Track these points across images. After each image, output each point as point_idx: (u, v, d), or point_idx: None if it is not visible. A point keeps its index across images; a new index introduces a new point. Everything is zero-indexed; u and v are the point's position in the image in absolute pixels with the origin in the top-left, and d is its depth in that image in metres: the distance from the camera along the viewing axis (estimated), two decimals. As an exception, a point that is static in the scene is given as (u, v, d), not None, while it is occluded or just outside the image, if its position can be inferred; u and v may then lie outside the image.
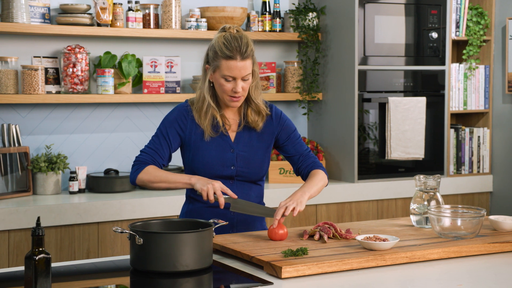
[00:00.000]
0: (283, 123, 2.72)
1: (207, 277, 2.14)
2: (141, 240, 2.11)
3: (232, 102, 2.58)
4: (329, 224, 2.54)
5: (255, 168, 2.66)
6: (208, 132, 2.61)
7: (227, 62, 2.52)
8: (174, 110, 2.68)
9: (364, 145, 4.28)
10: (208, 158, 2.61)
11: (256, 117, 2.65)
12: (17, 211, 3.40)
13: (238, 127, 2.67)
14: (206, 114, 2.61)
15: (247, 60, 2.54)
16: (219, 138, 2.63)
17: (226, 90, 2.56)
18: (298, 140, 2.75)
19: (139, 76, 4.07)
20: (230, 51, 2.51)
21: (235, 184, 2.65)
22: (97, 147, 4.03)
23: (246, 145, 2.66)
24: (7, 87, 3.69)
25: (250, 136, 2.67)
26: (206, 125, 2.61)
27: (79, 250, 3.54)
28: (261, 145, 2.68)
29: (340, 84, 4.30)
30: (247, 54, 2.53)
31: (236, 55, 2.51)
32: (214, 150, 2.62)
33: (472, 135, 4.65)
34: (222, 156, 2.62)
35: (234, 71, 2.52)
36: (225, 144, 2.64)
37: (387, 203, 4.31)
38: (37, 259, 1.81)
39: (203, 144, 2.62)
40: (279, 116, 2.71)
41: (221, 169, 2.62)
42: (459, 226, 2.47)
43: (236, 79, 2.54)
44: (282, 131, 2.71)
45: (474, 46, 4.61)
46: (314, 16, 4.36)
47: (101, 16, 3.84)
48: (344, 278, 2.13)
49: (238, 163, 2.64)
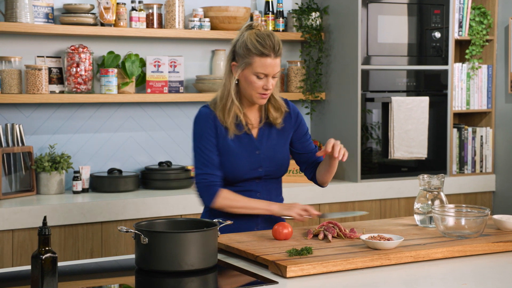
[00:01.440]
0: (300, 120, 2.78)
1: (212, 276, 2.14)
2: (146, 239, 2.11)
3: (261, 99, 2.61)
4: (333, 224, 2.54)
5: (280, 166, 2.71)
6: (232, 130, 2.63)
7: (261, 60, 2.55)
8: (200, 119, 2.65)
9: (367, 145, 4.29)
10: (236, 164, 2.64)
11: (277, 114, 2.69)
12: (21, 210, 3.40)
13: (259, 123, 2.70)
14: (230, 111, 2.62)
15: (278, 58, 2.58)
16: (243, 139, 2.66)
17: (256, 87, 2.58)
18: (309, 138, 2.82)
19: (143, 75, 4.07)
20: (265, 48, 2.54)
21: (261, 183, 2.70)
22: (101, 146, 4.03)
23: (270, 143, 2.70)
24: (10, 87, 3.69)
25: (271, 133, 2.71)
26: (230, 122, 2.62)
27: (82, 250, 3.54)
28: (282, 142, 2.73)
29: (343, 84, 4.31)
30: (279, 52, 2.58)
31: (271, 53, 2.55)
32: (240, 155, 2.64)
33: (475, 134, 4.65)
34: (249, 160, 2.65)
35: (267, 68, 2.55)
36: (251, 145, 2.66)
37: (390, 203, 4.31)
38: (43, 258, 1.81)
39: (230, 148, 2.64)
40: (296, 113, 2.77)
41: (250, 172, 2.66)
42: (463, 225, 2.47)
43: (268, 76, 2.57)
44: (299, 128, 2.77)
45: (477, 46, 4.61)
46: (317, 16, 4.36)
47: (105, 16, 3.85)
48: (348, 277, 2.13)
49: (265, 164, 2.68)
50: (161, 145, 4.18)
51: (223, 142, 2.63)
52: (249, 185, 2.69)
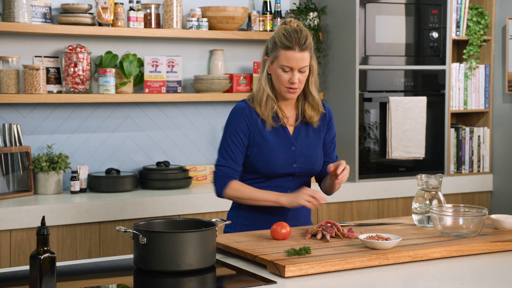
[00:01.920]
0: (331, 125, 2.81)
1: (210, 276, 2.15)
2: (145, 239, 2.11)
3: (289, 94, 2.64)
4: (332, 223, 2.54)
5: (315, 164, 2.74)
6: (270, 122, 2.66)
7: (286, 52, 2.59)
8: (234, 113, 2.70)
9: (364, 145, 4.29)
10: (272, 158, 2.66)
11: (313, 112, 2.72)
12: (19, 210, 3.40)
13: (296, 121, 2.73)
14: (266, 104, 2.66)
15: (305, 52, 2.60)
16: (279, 134, 2.68)
17: (283, 81, 2.62)
18: (334, 147, 2.84)
19: (140, 75, 4.07)
20: (290, 41, 2.59)
21: (294, 180, 2.72)
22: (99, 146, 4.03)
23: (305, 141, 2.73)
24: (8, 87, 3.69)
25: (307, 131, 2.74)
26: (267, 114, 2.66)
27: (80, 250, 3.54)
28: (317, 141, 2.76)
29: (341, 84, 4.31)
30: (305, 46, 2.60)
31: (295, 46, 2.58)
32: (277, 150, 2.67)
33: (472, 134, 4.66)
34: (285, 154, 2.68)
35: (292, 61, 2.59)
36: (286, 141, 2.69)
37: (388, 203, 4.32)
38: (42, 258, 1.81)
39: (266, 142, 2.67)
40: (330, 116, 2.81)
41: (284, 167, 2.68)
42: (461, 225, 2.48)
43: (293, 70, 2.60)
44: (328, 132, 2.80)
45: (475, 46, 4.62)
46: (315, 16, 4.36)
47: (103, 15, 3.85)
48: (347, 277, 2.13)
49: (300, 160, 2.70)
50: (159, 145, 4.18)
51: (259, 136, 2.67)
52: (281, 181, 2.71)
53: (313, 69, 2.69)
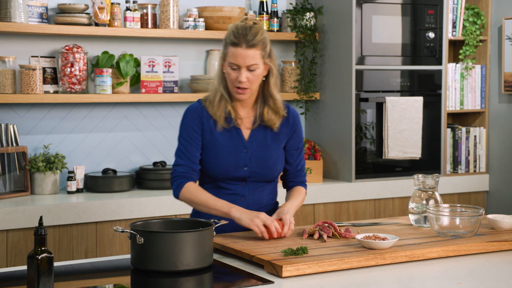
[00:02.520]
0: (296, 129, 2.67)
1: (207, 276, 2.15)
2: (142, 239, 2.11)
3: (238, 94, 2.54)
4: (329, 223, 2.54)
5: (269, 169, 2.62)
6: (221, 123, 2.57)
7: (233, 49, 2.49)
8: (186, 113, 2.64)
9: (361, 145, 4.30)
10: (221, 159, 2.57)
11: (273, 116, 2.60)
12: (15, 211, 3.39)
13: (253, 125, 2.62)
14: (219, 104, 2.57)
15: (252, 49, 2.49)
16: (232, 136, 2.59)
17: (231, 80, 2.52)
18: (301, 152, 2.72)
19: (137, 75, 4.07)
20: (237, 38, 2.49)
21: (247, 186, 2.62)
22: (95, 146, 4.03)
23: (261, 144, 2.61)
24: (4, 87, 3.69)
25: (265, 135, 2.62)
26: (218, 114, 2.57)
27: (77, 250, 3.54)
28: (275, 145, 2.63)
29: (337, 84, 4.31)
30: (253, 43, 2.48)
31: (242, 43, 2.48)
32: (227, 151, 2.58)
33: (468, 134, 4.67)
34: (235, 156, 2.57)
35: (238, 58, 2.49)
36: (238, 144, 2.59)
37: (385, 203, 4.32)
38: (39, 258, 1.81)
39: (217, 144, 2.58)
40: (295, 120, 2.67)
41: (234, 170, 2.58)
42: (457, 225, 2.48)
43: (241, 67, 2.49)
44: (293, 137, 2.67)
45: (471, 46, 4.63)
46: (312, 16, 4.37)
47: (99, 15, 3.84)
48: (344, 277, 2.13)
49: (252, 164, 2.59)
50: (155, 145, 4.18)
51: (210, 136, 2.58)
52: (234, 187, 2.61)
53: (272, 70, 2.57)
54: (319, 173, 4.23)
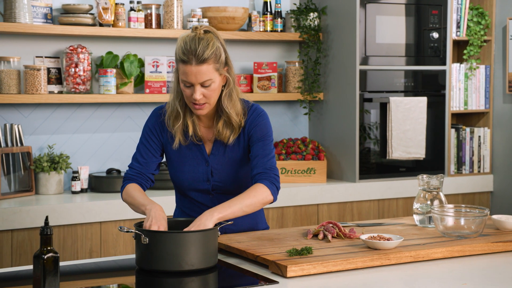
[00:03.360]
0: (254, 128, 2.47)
1: (212, 276, 2.15)
2: (147, 239, 2.11)
3: (195, 110, 2.38)
4: (333, 224, 2.54)
5: (233, 180, 2.50)
6: (178, 139, 2.45)
7: (183, 66, 2.32)
8: (151, 115, 2.53)
9: (365, 145, 4.30)
10: (183, 173, 2.49)
11: (226, 130, 2.44)
12: (20, 210, 3.40)
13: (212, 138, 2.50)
14: (177, 120, 2.44)
15: (204, 65, 2.30)
16: (193, 150, 2.48)
17: (187, 96, 2.37)
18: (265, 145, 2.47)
19: (141, 76, 4.08)
20: (185, 54, 2.30)
21: (215, 197, 2.52)
22: (99, 147, 4.03)
23: (222, 158, 2.49)
24: (9, 87, 3.69)
25: (225, 147, 2.49)
26: (175, 131, 2.45)
27: (81, 250, 3.54)
28: (236, 156, 2.49)
29: (341, 84, 4.31)
30: (203, 58, 2.29)
31: (191, 59, 2.30)
32: (188, 165, 2.48)
33: (472, 135, 4.66)
34: (196, 170, 2.48)
35: (189, 76, 2.31)
36: (199, 157, 2.48)
37: (388, 203, 4.32)
38: (45, 258, 1.82)
39: (178, 155, 2.49)
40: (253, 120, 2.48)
41: (196, 184, 2.49)
42: (462, 225, 2.48)
43: (194, 85, 2.32)
44: (252, 136, 2.48)
45: (475, 46, 4.62)
46: (315, 16, 4.37)
47: (103, 16, 3.85)
48: (349, 277, 2.13)
49: (214, 178, 2.49)
50: (159, 145, 4.18)
51: (171, 149, 2.49)
52: (202, 199, 2.52)
53: (228, 80, 2.40)
54: (323, 173, 4.23)
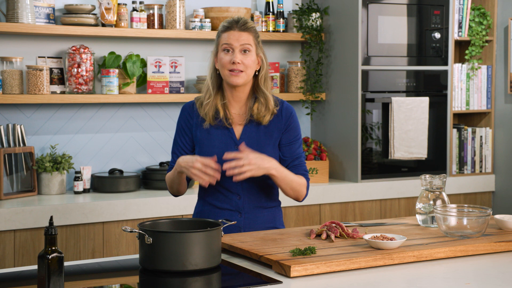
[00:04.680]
0: (290, 124, 2.64)
1: (216, 276, 2.15)
2: (151, 239, 2.12)
3: (232, 77, 2.54)
4: (336, 223, 2.55)
5: None
6: (209, 120, 2.59)
7: (225, 33, 2.56)
8: (181, 111, 2.71)
9: (367, 145, 4.30)
10: (210, 155, 2.55)
11: (261, 109, 2.59)
12: (23, 211, 3.41)
13: (244, 121, 2.62)
14: (208, 102, 2.60)
15: (245, 32, 2.55)
16: (222, 133, 2.60)
17: (225, 63, 2.54)
18: (299, 147, 2.66)
19: (144, 76, 4.08)
20: (229, 23, 2.57)
21: (241, 184, 2.60)
22: (102, 147, 4.04)
23: (253, 140, 2.60)
24: (12, 87, 3.70)
25: (258, 131, 2.61)
26: (206, 111, 2.59)
27: (84, 250, 3.55)
28: (268, 142, 2.61)
29: (343, 84, 4.32)
30: (245, 27, 2.55)
31: (234, 26, 2.55)
32: (216, 147, 2.58)
33: (474, 135, 4.66)
34: (225, 152, 2.53)
35: (231, 38, 2.54)
36: (229, 140, 2.60)
37: (390, 203, 4.32)
38: (50, 258, 1.82)
39: (207, 140, 2.60)
40: (289, 116, 2.64)
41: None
42: (465, 225, 2.48)
43: (234, 49, 2.53)
44: (288, 132, 2.64)
45: (477, 47, 4.63)
46: (318, 17, 4.37)
47: (106, 16, 3.85)
48: (352, 277, 2.14)
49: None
50: (162, 145, 4.19)
51: (201, 133, 2.62)
52: (228, 184, 2.60)
53: (263, 62, 2.60)
54: (325, 174, 4.23)
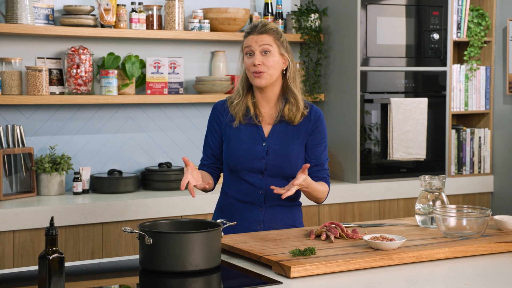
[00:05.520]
0: (317, 127, 2.72)
1: (216, 276, 2.15)
2: (151, 240, 2.12)
3: (255, 79, 2.65)
4: (335, 224, 2.55)
5: (287, 163, 2.66)
6: (239, 118, 2.68)
7: (247, 38, 2.68)
8: (212, 110, 2.79)
9: (365, 146, 4.30)
10: (238, 150, 2.66)
11: (292, 110, 2.68)
12: (22, 211, 3.41)
13: (274, 120, 2.70)
14: (239, 102, 2.70)
15: (264, 34, 2.64)
16: (251, 130, 2.69)
17: (248, 67, 2.66)
18: (324, 150, 2.75)
19: (142, 77, 4.08)
20: (250, 28, 2.69)
21: (265, 179, 2.67)
22: (101, 148, 4.04)
23: (280, 138, 2.68)
24: (11, 88, 3.70)
25: (286, 130, 2.69)
26: (237, 110, 2.69)
27: (83, 251, 3.55)
28: (295, 141, 2.69)
29: (342, 85, 4.32)
30: (263, 29, 2.65)
31: (253, 30, 2.66)
32: (245, 143, 2.67)
33: (473, 135, 4.67)
34: (252, 148, 2.65)
35: (251, 41, 2.65)
36: (257, 137, 2.68)
37: (389, 204, 4.33)
38: (51, 258, 1.82)
39: (236, 136, 2.68)
40: (317, 118, 2.73)
41: (250, 161, 2.65)
42: (464, 226, 2.49)
43: (255, 51, 2.64)
44: (314, 133, 2.72)
45: (475, 47, 4.63)
46: (316, 18, 4.38)
47: (105, 17, 3.85)
48: (352, 278, 2.14)
49: (269, 156, 2.65)
50: (161, 146, 4.19)
51: (230, 130, 2.70)
52: (253, 179, 2.67)
53: (290, 64, 2.69)
54: (324, 174, 4.23)
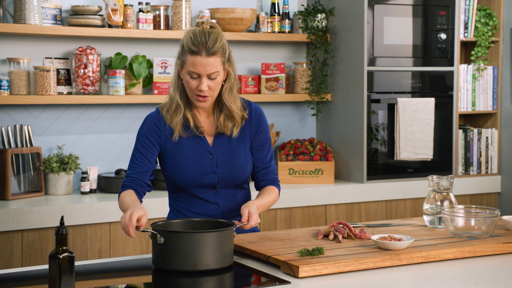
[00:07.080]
0: (260, 126, 2.59)
1: (227, 276, 2.16)
2: (163, 239, 2.13)
3: (199, 102, 2.45)
4: (343, 224, 2.55)
5: (238, 172, 2.54)
6: (178, 132, 2.49)
7: (192, 58, 2.39)
8: (145, 121, 2.57)
9: (372, 146, 4.30)
10: (186, 168, 2.50)
11: (228, 123, 2.52)
12: (30, 211, 3.42)
13: (215, 131, 2.55)
14: (175, 112, 2.49)
15: (213, 57, 2.39)
16: (195, 143, 2.52)
17: (191, 88, 2.43)
18: (269, 150, 2.63)
19: (150, 77, 4.09)
20: (195, 46, 2.39)
21: (218, 193, 2.55)
22: (108, 147, 4.05)
23: (226, 148, 2.54)
24: (19, 88, 3.71)
25: (230, 138, 2.54)
26: (175, 123, 2.49)
27: (91, 250, 3.56)
28: (241, 147, 2.56)
29: (349, 85, 4.32)
30: (213, 50, 2.39)
31: (202, 51, 2.38)
32: (191, 159, 2.50)
33: (480, 135, 4.67)
34: (200, 164, 2.50)
35: (198, 67, 2.39)
36: (203, 150, 2.52)
37: (396, 204, 4.33)
38: (61, 257, 1.83)
39: (179, 151, 2.51)
40: (258, 117, 2.59)
41: (201, 178, 2.51)
42: (472, 226, 2.49)
43: (201, 76, 2.40)
44: (258, 134, 2.59)
45: (483, 47, 4.63)
46: (323, 17, 4.38)
47: (112, 17, 3.86)
48: (360, 278, 2.14)
49: (219, 169, 2.52)
50: (168, 146, 4.19)
51: (171, 145, 2.51)
52: (206, 195, 2.54)
53: (230, 75, 2.48)
54: (330, 174, 4.24)
